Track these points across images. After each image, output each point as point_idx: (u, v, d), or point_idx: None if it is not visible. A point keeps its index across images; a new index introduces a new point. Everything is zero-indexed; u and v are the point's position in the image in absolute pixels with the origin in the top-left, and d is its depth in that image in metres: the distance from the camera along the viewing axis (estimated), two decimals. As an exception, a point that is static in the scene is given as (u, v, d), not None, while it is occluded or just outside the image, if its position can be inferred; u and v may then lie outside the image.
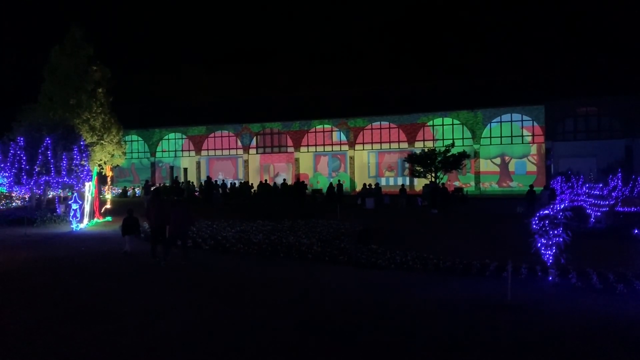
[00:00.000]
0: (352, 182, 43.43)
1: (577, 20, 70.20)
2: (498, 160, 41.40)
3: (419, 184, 37.75)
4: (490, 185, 40.95)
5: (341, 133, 44.36)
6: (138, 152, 50.71)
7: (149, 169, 49.99)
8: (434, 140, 41.16)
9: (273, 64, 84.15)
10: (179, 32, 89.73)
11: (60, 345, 6.56)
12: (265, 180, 37.42)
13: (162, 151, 50.02)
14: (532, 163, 40.53)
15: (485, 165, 41.25)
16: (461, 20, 79.57)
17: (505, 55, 69.79)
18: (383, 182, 41.73)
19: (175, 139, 49.84)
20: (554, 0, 74.49)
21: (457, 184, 39.81)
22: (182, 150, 49.74)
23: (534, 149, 40.50)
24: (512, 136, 40.56)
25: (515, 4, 77.14)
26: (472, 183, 40.76)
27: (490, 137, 40.89)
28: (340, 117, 43.85)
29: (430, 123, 42.08)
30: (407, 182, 39.21)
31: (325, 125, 44.62)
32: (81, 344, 6.60)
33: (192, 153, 48.83)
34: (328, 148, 45.22)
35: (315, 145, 45.40)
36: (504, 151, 40.92)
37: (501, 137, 40.74)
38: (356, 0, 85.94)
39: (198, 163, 48.70)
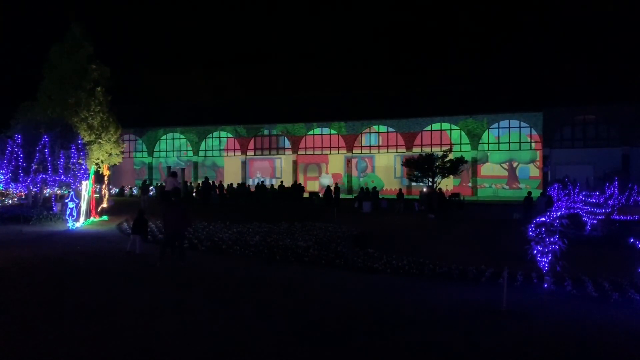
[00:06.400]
0: (350, 184, 43.85)
1: (576, 28, 70.56)
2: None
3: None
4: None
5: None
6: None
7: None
8: (431, 145, 41.70)
9: (283, 66, 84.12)
10: (182, 34, 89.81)
11: (55, 345, 6.53)
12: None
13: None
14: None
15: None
16: (460, 28, 79.86)
17: (503, 62, 70.05)
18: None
19: (180, 139, 49.71)
20: (553, 9, 74.83)
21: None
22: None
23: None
24: (509, 142, 40.97)
25: (514, 13, 77.47)
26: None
27: (489, 143, 41.45)
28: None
29: (430, 128, 42.51)
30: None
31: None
32: (76, 344, 6.57)
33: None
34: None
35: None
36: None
37: (499, 142, 41.23)
38: (356, 5, 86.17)
39: (196, 164, 48.70)
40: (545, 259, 10.25)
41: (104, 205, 23.47)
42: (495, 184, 41.88)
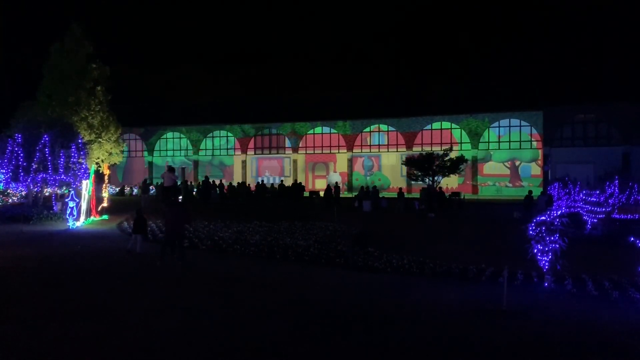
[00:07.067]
0: (350, 183, 43.96)
1: (575, 27, 70.48)
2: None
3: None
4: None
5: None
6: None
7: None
8: (431, 144, 41.80)
9: (283, 66, 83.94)
10: (182, 33, 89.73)
11: (56, 343, 6.54)
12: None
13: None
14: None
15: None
16: (461, 28, 79.79)
17: (504, 61, 69.97)
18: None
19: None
20: (553, 9, 74.76)
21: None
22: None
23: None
24: (510, 141, 41.04)
25: (514, 13, 77.39)
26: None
27: (489, 142, 41.61)
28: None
29: (431, 127, 42.61)
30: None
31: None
32: (76, 343, 6.58)
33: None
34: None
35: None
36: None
37: (499, 142, 41.33)
38: (357, 5, 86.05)
39: (196, 162, 48.72)
40: (545, 258, 10.24)
41: (104, 204, 23.48)
42: (499, 182, 42.32)
